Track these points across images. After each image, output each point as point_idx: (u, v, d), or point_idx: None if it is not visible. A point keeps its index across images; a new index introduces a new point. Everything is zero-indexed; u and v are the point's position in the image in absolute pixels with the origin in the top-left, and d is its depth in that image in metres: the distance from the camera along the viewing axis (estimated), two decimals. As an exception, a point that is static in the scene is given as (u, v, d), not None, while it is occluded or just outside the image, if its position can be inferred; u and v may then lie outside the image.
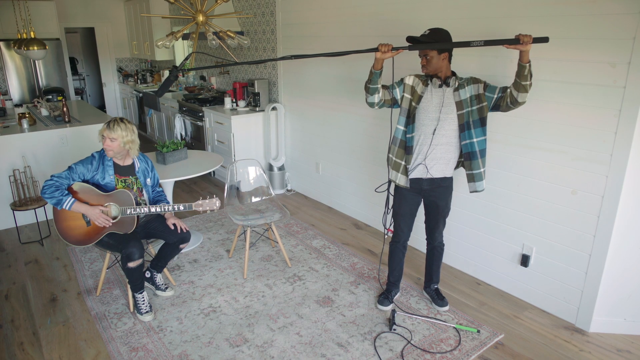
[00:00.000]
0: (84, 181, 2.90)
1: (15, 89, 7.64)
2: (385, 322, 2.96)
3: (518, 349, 2.73)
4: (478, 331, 2.85)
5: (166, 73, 7.96)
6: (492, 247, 3.33)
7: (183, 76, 7.83)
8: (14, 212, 4.26)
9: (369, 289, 3.35)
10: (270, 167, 5.38)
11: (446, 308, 3.09)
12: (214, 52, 6.66)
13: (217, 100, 6.04)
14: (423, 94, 2.67)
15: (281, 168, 5.41)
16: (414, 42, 2.55)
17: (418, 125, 2.69)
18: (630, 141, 2.47)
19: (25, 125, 4.56)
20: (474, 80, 2.63)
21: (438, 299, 3.12)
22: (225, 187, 3.76)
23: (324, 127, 4.75)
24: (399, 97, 2.73)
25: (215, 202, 2.99)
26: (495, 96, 2.59)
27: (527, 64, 2.38)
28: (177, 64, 8.02)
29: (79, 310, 3.14)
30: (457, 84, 2.63)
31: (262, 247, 4.01)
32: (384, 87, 2.71)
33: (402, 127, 2.74)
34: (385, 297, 3.13)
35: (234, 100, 5.61)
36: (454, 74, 2.67)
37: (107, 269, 3.36)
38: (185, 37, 5.84)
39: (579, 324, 2.92)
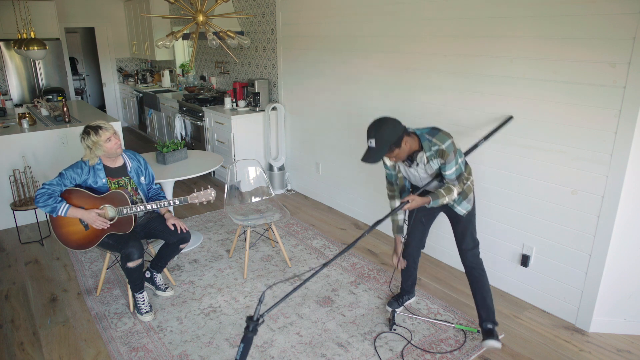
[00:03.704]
0: (76, 186, 2.90)
1: (15, 89, 7.65)
2: (385, 322, 2.96)
3: (518, 349, 2.73)
4: (478, 331, 2.85)
5: (166, 73, 7.95)
6: (492, 247, 3.33)
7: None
8: (14, 212, 4.27)
9: (369, 289, 3.35)
10: (270, 167, 5.38)
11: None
12: (214, 51, 6.66)
13: (217, 100, 6.04)
14: (402, 168, 2.73)
15: (281, 168, 5.41)
16: (375, 160, 2.43)
17: (412, 181, 2.80)
18: (630, 141, 2.47)
19: (25, 125, 4.56)
20: (440, 154, 2.45)
21: (490, 338, 2.68)
22: (225, 187, 3.76)
23: (324, 127, 4.75)
24: (394, 172, 2.79)
25: (211, 193, 2.99)
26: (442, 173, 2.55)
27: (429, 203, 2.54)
28: (177, 64, 8.02)
29: (79, 310, 3.14)
30: (425, 159, 2.50)
31: (262, 247, 4.01)
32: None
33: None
34: (395, 299, 3.11)
35: (234, 100, 5.61)
36: (421, 143, 2.48)
37: (107, 269, 3.36)
38: (185, 37, 5.84)
39: (579, 324, 2.92)
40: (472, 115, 3.24)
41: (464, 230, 2.76)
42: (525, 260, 3.12)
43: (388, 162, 2.73)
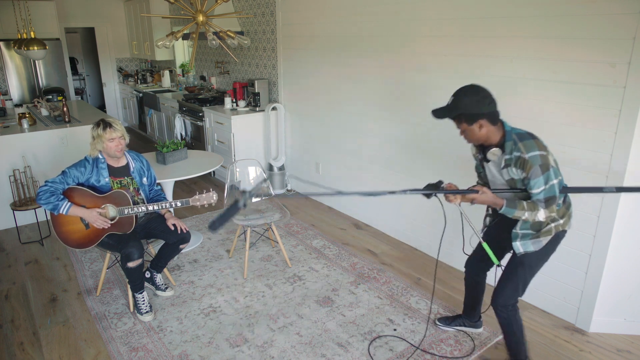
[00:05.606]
0: (78, 184, 2.90)
1: (15, 89, 7.64)
2: (386, 323, 2.96)
3: (518, 349, 2.73)
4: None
5: (166, 73, 7.95)
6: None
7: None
8: (14, 212, 4.26)
9: (369, 289, 3.35)
10: (270, 167, 5.38)
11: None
12: (214, 51, 6.66)
13: (217, 100, 6.04)
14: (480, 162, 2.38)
15: (281, 168, 5.41)
16: (438, 116, 2.20)
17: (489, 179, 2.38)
18: (630, 141, 2.47)
19: (25, 125, 4.56)
20: (522, 164, 2.06)
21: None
22: (225, 187, 3.76)
23: (324, 127, 4.75)
24: (477, 162, 2.43)
25: (212, 196, 3.00)
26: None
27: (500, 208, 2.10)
28: (177, 64, 8.01)
29: (79, 310, 3.14)
30: (503, 162, 2.14)
31: (262, 247, 4.01)
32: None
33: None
34: (447, 318, 2.91)
35: (234, 100, 5.61)
36: (503, 140, 2.14)
37: (107, 269, 3.36)
38: (185, 37, 5.84)
39: (579, 324, 2.92)
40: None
41: (510, 274, 2.33)
42: (525, 260, 3.11)
43: (472, 150, 2.38)
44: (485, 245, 2.36)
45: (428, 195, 2.24)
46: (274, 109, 5.27)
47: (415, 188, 2.11)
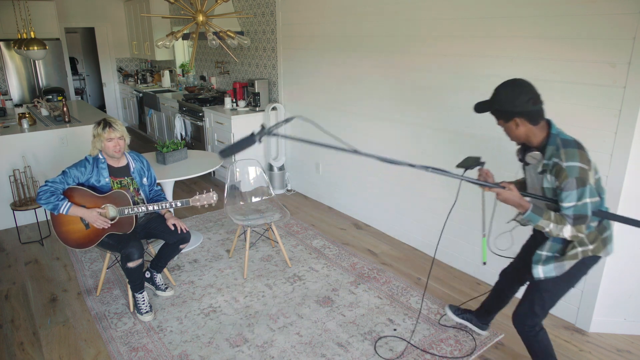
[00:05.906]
0: (79, 184, 2.90)
1: (15, 89, 7.64)
2: (386, 322, 2.96)
3: (518, 349, 2.73)
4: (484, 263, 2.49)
5: (166, 73, 7.95)
6: (493, 247, 3.32)
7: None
8: (14, 212, 4.27)
9: (369, 289, 3.35)
10: (271, 167, 5.38)
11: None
12: (214, 51, 6.66)
13: (217, 100, 6.04)
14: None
15: (281, 168, 5.41)
16: (478, 110, 2.15)
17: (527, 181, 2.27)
18: (630, 141, 2.47)
19: (25, 125, 4.56)
20: (557, 172, 1.92)
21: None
22: (226, 187, 3.76)
23: (324, 126, 4.73)
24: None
25: (212, 196, 3.00)
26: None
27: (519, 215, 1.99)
28: (177, 65, 8.01)
29: (79, 310, 3.14)
30: (540, 167, 2.00)
31: (262, 247, 4.01)
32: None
33: None
34: (460, 309, 2.88)
35: (234, 100, 5.61)
36: (545, 143, 1.99)
37: (107, 269, 3.36)
38: (185, 37, 5.85)
39: (579, 324, 2.92)
40: (472, 117, 3.24)
41: (526, 295, 2.24)
42: (525, 260, 3.11)
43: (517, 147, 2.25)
44: (484, 240, 2.31)
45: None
46: (274, 109, 5.27)
47: (437, 167, 1.97)
